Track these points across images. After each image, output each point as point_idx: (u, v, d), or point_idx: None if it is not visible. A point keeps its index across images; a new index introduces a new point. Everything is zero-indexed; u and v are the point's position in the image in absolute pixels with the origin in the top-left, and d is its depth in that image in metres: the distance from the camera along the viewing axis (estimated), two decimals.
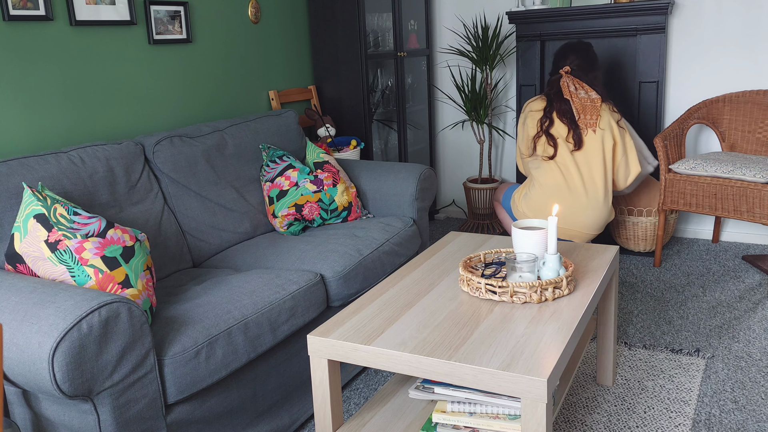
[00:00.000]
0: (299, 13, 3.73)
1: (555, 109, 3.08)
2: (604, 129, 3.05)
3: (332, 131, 3.63)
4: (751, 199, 3.03)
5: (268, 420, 2.07)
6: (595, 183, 3.03)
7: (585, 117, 3.03)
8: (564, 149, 3.03)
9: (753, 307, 2.90)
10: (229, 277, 2.18)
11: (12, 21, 2.28)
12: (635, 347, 2.58)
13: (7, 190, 1.97)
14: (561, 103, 3.09)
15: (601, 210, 3.05)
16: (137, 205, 2.35)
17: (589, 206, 3.02)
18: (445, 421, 1.61)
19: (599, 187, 3.03)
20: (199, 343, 1.77)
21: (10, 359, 1.52)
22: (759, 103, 3.45)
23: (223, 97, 3.23)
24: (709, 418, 2.11)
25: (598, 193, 3.03)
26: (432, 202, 3.23)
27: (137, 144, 2.45)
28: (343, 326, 1.68)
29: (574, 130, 3.03)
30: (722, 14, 3.55)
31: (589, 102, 3.06)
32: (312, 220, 2.77)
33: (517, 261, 1.81)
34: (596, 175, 3.03)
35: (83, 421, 1.59)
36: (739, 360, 2.46)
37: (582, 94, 3.08)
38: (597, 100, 3.08)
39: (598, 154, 3.03)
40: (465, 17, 4.25)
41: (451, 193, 4.61)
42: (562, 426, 2.10)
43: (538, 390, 1.39)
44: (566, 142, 3.03)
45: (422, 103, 4.41)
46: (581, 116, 3.04)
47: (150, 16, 2.78)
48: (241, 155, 2.81)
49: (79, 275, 1.75)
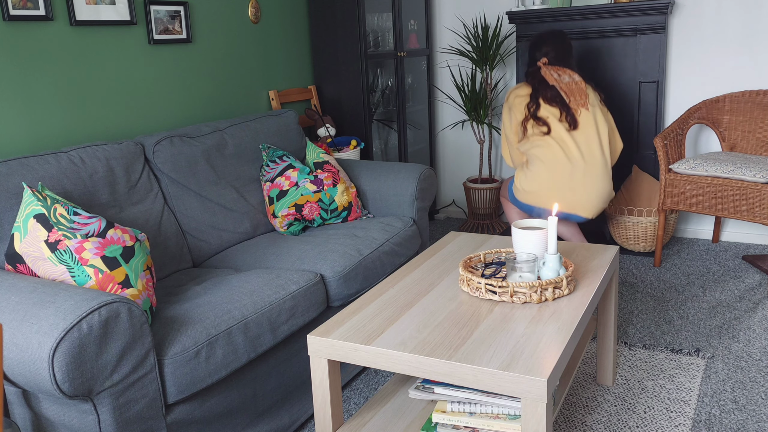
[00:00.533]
0: (299, 13, 3.73)
1: (541, 96, 3.06)
2: (594, 105, 3.05)
3: (332, 131, 3.63)
4: (751, 199, 3.03)
5: (268, 420, 2.07)
6: (595, 156, 3.00)
7: (575, 98, 3.02)
8: (558, 126, 3.01)
9: (753, 307, 2.90)
10: (229, 277, 2.18)
11: (12, 21, 2.28)
12: (635, 347, 2.58)
13: (7, 190, 1.97)
14: (547, 91, 3.06)
15: (603, 181, 3.02)
16: (137, 205, 2.35)
17: (593, 176, 2.99)
18: (445, 421, 1.61)
19: (598, 159, 3.01)
20: (199, 343, 1.77)
21: (10, 359, 1.52)
22: (759, 103, 3.45)
23: (223, 97, 3.23)
24: (709, 418, 2.11)
25: (598, 165, 3.00)
26: (432, 202, 3.23)
27: (137, 144, 2.46)
28: (343, 326, 1.68)
29: (567, 112, 3.01)
30: (722, 14, 3.55)
31: (574, 85, 3.05)
32: (312, 220, 2.77)
33: (517, 261, 1.81)
34: (594, 148, 3.00)
35: (83, 421, 1.59)
36: (739, 360, 2.46)
37: (566, 79, 3.07)
38: (580, 81, 3.08)
39: (593, 129, 3.02)
40: (465, 17, 4.25)
41: (451, 193, 4.61)
42: (562, 426, 2.10)
43: (538, 390, 1.39)
44: (561, 122, 3.01)
45: (422, 103, 4.41)
46: (571, 99, 3.02)
47: (150, 16, 2.78)
48: (241, 155, 2.81)
49: (79, 275, 1.75)
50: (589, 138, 3.01)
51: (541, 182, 3.03)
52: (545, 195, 3.03)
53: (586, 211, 3.04)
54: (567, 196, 3.01)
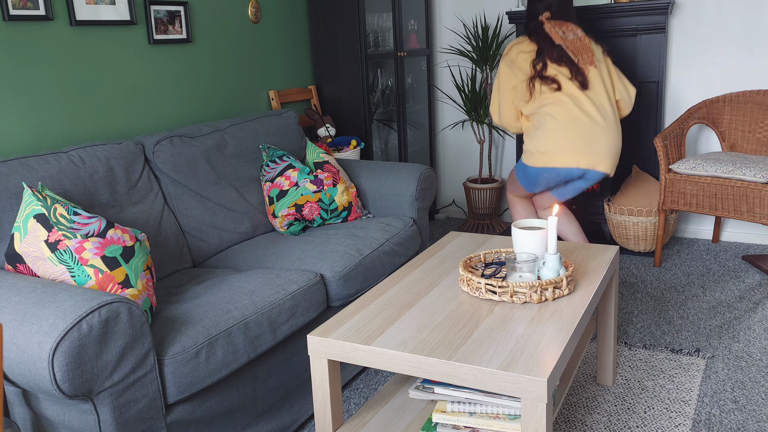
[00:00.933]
0: (299, 13, 3.73)
1: (547, 56, 2.96)
2: (600, 61, 2.99)
3: (332, 131, 3.63)
4: (751, 199, 3.03)
5: (268, 420, 2.07)
6: (608, 112, 2.93)
7: (582, 57, 2.95)
8: (569, 84, 2.92)
9: (753, 307, 2.90)
10: (229, 277, 2.18)
11: (12, 21, 2.28)
12: (635, 347, 2.58)
13: (7, 190, 1.97)
14: (553, 50, 2.96)
15: (617, 136, 2.95)
16: (137, 205, 2.35)
17: (607, 130, 2.92)
18: (445, 421, 1.61)
19: (611, 115, 2.94)
20: (199, 343, 1.77)
21: (10, 359, 1.52)
22: (759, 103, 3.45)
23: (223, 97, 3.23)
24: (709, 418, 2.11)
25: (611, 121, 2.94)
26: (432, 202, 3.23)
27: (137, 144, 2.46)
28: (343, 326, 1.68)
29: (577, 72, 2.93)
30: (722, 14, 3.55)
31: (579, 42, 2.98)
32: (312, 220, 2.77)
33: (517, 261, 1.81)
34: (606, 105, 2.94)
35: (83, 421, 1.59)
36: (739, 360, 2.46)
37: (570, 36, 2.99)
38: (584, 37, 3.01)
39: (601, 86, 2.95)
40: (465, 17, 4.25)
41: (451, 193, 4.61)
42: (562, 426, 2.10)
43: (538, 390, 1.39)
44: (571, 81, 2.93)
45: (422, 103, 4.41)
46: (578, 58, 2.95)
47: (150, 16, 2.78)
48: (241, 155, 2.81)
49: (79, 275, 1.75)
50: (600, 96, 2.93)
51: (557, 139, 2.88)
52: (563, 152, 2.88)
53: (606, 167, 2.92)
54: (586, 151, 2.88)
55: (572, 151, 2.87)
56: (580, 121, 2.88)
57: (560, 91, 2.92)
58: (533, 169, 2.98)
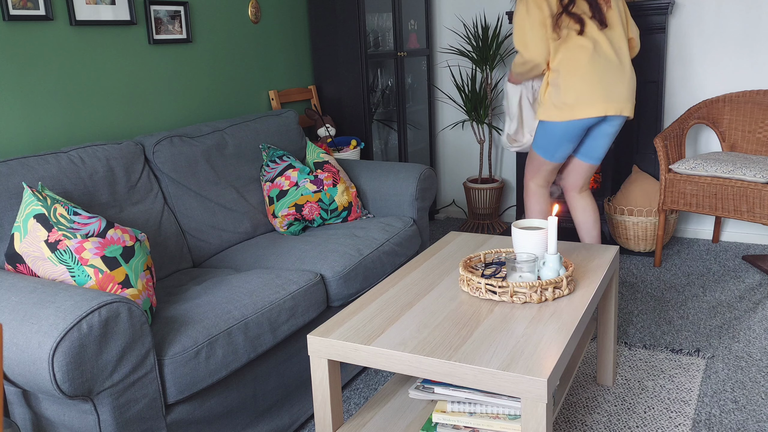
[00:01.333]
0: (299, 13, 3.73)
1: None
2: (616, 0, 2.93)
3: (332, 131, 3.63)
4: (751, 199, 3.03)
5: (268, 420, 2.07)
6: (622, 50, 2.87)
7: None
8: (590, 23, 2.84)
9: (753, 307, 2.90)
10: (229, 277, 2.18)
11: (12, 21, 2.28)
12: (635, 347, 2.58)
13: (7, 190, 1.97)
14: None
15: (632, 75, 2.89)
16: (137, 205, 2.35)
17: (624, 74, 2.86)
18: (445, 421, 1.61)
19: (625, 53, 2.88)
20: (199, 343, 1.77)
21: (10, 359, 1.52)
22: (759, 103, 3.45)
23: (223, 97, 3.23)
24: (709, 418, 2.11)
25: (626, 59, 2.88)
26: (432, 202, 3.23)
27: (137, 144, 2.46)
28: (343, 326, 1.68)
29: (597, 10, 2.85)
30: (722, 14, 3.55)
31: None
32: (312, 220, 2.77)
33: (517, 261, 1.81)
34: (623, 45, 2.88)
35: (83, 421, 1.59)
36: (739, 360, 2.46)
37: None
38: None
39: (619, 23, 2.89)
40: (465, 17, 4.25)
41: (451, 193, 4.61)
42: (562, 426, 2.10)
43: (538, 390, 1.39)
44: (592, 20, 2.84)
45: (422, 103, 4.41)
46: None
47: (150, 16, 2.78)
48: (241, 155, 2.81)
49: (79, 275, 1.75)
50: (618, 35, 2.87)
51: (580, 88, 2.81)
52: (588, 100, 2.81)
53: (629, 110, 2.87)
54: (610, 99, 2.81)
55: (599, 101, 2.80)
56: (602, 66, 2.81)
57: (582, 35, 2.83)
58: (558, 125, 2.88)
